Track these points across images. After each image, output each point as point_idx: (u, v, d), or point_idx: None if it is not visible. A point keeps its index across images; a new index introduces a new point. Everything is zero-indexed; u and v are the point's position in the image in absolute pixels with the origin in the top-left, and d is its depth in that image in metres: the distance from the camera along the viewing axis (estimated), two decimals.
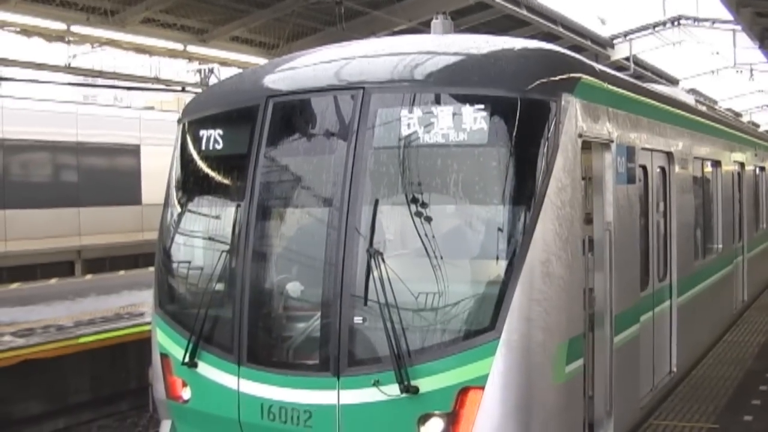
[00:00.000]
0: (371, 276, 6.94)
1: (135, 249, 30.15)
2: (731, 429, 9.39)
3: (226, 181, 8.25)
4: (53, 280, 24.80)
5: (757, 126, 28.60)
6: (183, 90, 26.39)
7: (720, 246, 14.60)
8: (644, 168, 9.94)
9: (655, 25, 33.94)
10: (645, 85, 11.81)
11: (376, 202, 7.13)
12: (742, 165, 17.29)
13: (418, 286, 6.93)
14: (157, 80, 25.99)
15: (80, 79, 26.27)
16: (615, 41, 34.51)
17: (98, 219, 29.70)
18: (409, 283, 6.93)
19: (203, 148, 8.27)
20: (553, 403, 7.04)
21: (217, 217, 8.23)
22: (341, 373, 7.01)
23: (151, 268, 8.90)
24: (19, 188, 27.89)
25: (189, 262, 8.40)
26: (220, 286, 7.79)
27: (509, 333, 6.66)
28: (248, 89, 8.34)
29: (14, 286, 23.47)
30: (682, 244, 11.44)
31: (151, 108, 38.62)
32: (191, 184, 8.54)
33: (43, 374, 15.40)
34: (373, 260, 6.95)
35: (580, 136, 7.55)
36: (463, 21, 24.38)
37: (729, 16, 26.57)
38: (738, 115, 23.11)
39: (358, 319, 7.04)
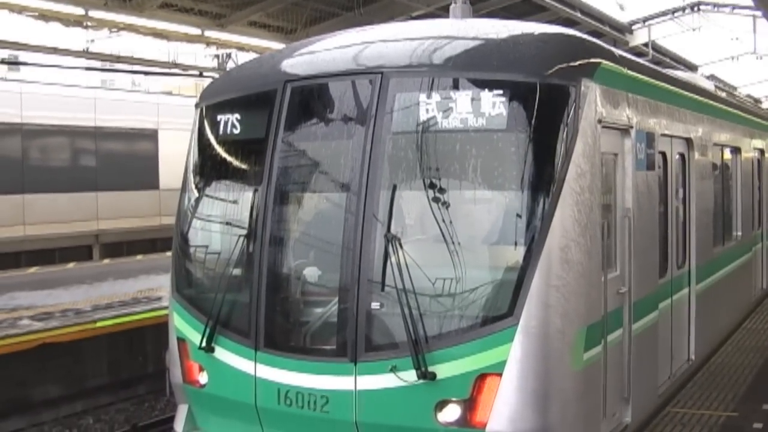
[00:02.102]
0: (389, 261, 6.93)
1: (152, 234, 30.23)
2: (750, 417, 9.33)
3: (243, 166, 8.22)
4: (71, 265, 24.88)
5: None
6: (201, 75, 26.35)
7: (739, 233, 14.52)
8: (663, 154, 9.88)
9: (674, 11, 33.70)
10: (664, 71, 11.73)
11: (394, 188, 7.10)
12: (761, 152, 17.18)
13: (436, 271, 6.91)
14: (174, 65, 25.98)
15: (98, 64, 26.30)
16: (634, 27, 34.29)
17: (116, 203, 29.76)
18: (426, 269, 6.91)
19: (221, 132, 8.25)
20: (571, 390, 7.01)
21: (235, 202, 8.21)
22: (358, 359, 7.00)
23: (169, 253, 8.90)
24: (38, 173, 27.93)
25: (206, 247, 8.40)
26: (237, 271, 7.78)
27: (527, 319, 6.64)
28: (266, 74, 8.31)
29: (32, 270, 23.58)
30: (701, 230, 11.38)
31: (169, 93, 38.61)
32: (209, 168, 8.52)
33: (61, 358, 15.47)
34: (390, 245, 6.93)
35: (600, 121, 7.50)
36: (481, 6, 24.28)
37: (749, 2, 26.39)
38: (758, 101, 22.98)
39: (375, 305, 7.03)
